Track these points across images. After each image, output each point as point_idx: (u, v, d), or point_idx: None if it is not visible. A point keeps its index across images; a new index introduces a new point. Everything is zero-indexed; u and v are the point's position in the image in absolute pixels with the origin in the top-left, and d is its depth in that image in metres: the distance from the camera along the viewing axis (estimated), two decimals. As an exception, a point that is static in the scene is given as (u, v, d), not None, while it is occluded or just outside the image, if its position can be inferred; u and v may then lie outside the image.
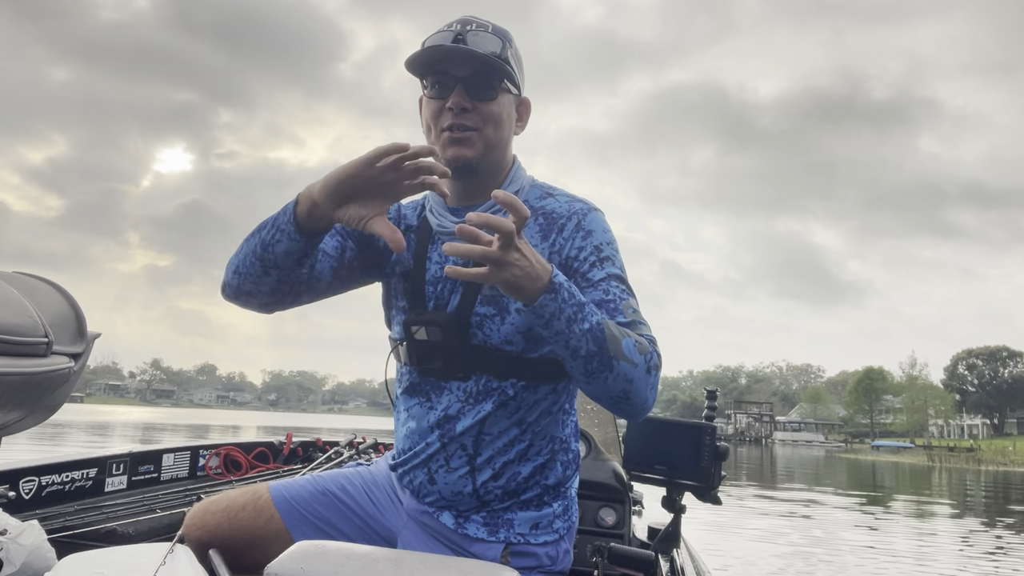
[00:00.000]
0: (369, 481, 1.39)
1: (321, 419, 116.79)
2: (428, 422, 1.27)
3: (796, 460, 37.72)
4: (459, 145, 1.22)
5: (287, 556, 1.03)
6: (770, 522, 10.62)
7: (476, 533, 1.24)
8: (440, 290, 1.27)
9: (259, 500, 1.33)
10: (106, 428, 32.87)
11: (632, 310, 1.18)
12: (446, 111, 1.21)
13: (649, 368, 1.11)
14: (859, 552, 8.43)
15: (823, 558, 7.87)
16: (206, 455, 2.56)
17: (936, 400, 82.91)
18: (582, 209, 1.28)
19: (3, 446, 1.25)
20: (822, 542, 8.94)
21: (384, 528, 1.34)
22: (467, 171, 1.24)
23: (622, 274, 1.24)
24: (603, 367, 1.06)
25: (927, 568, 7.68)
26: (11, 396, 1.08)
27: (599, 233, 1.26)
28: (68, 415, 51.74)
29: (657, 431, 1.71)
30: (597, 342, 1.05)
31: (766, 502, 13.68)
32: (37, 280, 1.24)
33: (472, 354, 1.23)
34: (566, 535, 1.30)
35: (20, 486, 1.84)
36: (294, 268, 1.19)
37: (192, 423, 46.22)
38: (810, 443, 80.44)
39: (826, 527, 10.43)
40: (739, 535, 9.08)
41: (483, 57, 1.19)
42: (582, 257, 1.23)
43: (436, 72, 1.22)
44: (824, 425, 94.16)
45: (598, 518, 1.88)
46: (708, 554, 2.01)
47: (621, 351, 1.07)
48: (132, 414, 69.61)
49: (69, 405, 71.90)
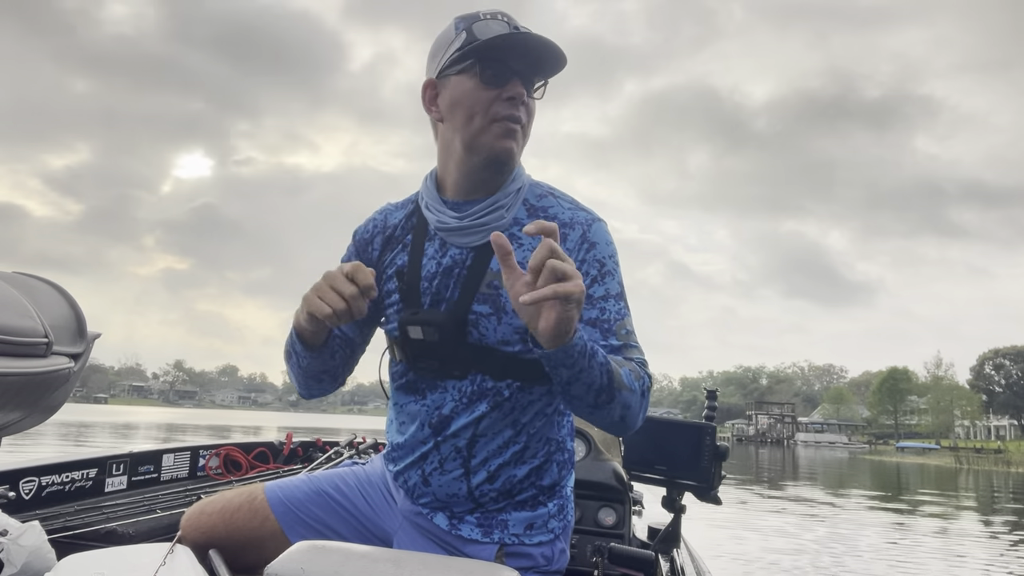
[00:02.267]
0: (364, 481, 1.39)
1: (341, 419, 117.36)
2: (422, 420, 1.26)
3: (819, 462, 37.25)
4: (510, 138, 1.20)
5: (287, 556, 1.03)
6: (787, 521, 10.50)
7: (470, 534, 1.24)
8: (436, 287, 1.25)
9: (254, 501, 1.33)
10: (130, 428, 33.34)
11: (626, 331, 1.19)
12: (503, 100, 1.18)
13: (643, 392, 1.14)
14: (883, 554, 8.30)
15: (845, 563, 7.77)
16: (206, 455, 2.55)
17: (962, 401, 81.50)
18: (586, 219, 1.25)
19: (7, 446, 1.26)
20: (842, 540, 8.82)
21: (379, 528, 1.34)
22: (506, 166, 1.23)
23: (621, 290, 1.24)
24: (608, 399, 1.08)
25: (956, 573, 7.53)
26: (11, 396, 1.08)
27: (602, 246, 1.24)
28: (93, 416, 52.55)
29: (657, 431, 1.70)
30: (608, 375, 1.06)
31: (788, 503, 13.52)
32: (37, 280, 1.23)
33: (468, 353, 1.22)
34: (561, 534, 1.29)
35: (20, 486, 1.84)
36: (339, 360, 1.34)
37: (214, 424, 46.69)
38: (833, 444, 79.38)
39: (848, 529, 10.29)
40: (759, 536, 8.99)
41: (554, 50, 1.17)
42: (583, 271, 1.21)
43: (493, 60, 1.19)
44: (847, 426, 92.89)
45: (598, 518, 1.86)
46: (709, 554, 1.99)
47: (623, 381, 1.09)
48: (154, 415, 70.53)
49: (93, 406, 72.83)
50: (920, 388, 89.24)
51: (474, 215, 1.23)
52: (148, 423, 42.87)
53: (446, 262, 1.25)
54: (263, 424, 53.53)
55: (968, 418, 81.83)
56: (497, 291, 1.21)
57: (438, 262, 1.26)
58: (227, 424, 46.74)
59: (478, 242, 1.24)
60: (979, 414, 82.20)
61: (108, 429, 30.12)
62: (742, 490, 16.01)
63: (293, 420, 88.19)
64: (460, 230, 1.24)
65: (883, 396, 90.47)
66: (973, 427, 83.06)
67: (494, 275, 1.22)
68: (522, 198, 1.28)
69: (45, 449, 16.14)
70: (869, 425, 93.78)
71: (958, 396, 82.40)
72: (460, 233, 1.24)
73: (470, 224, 1.23)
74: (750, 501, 13.74)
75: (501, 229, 1.23)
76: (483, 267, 1.22)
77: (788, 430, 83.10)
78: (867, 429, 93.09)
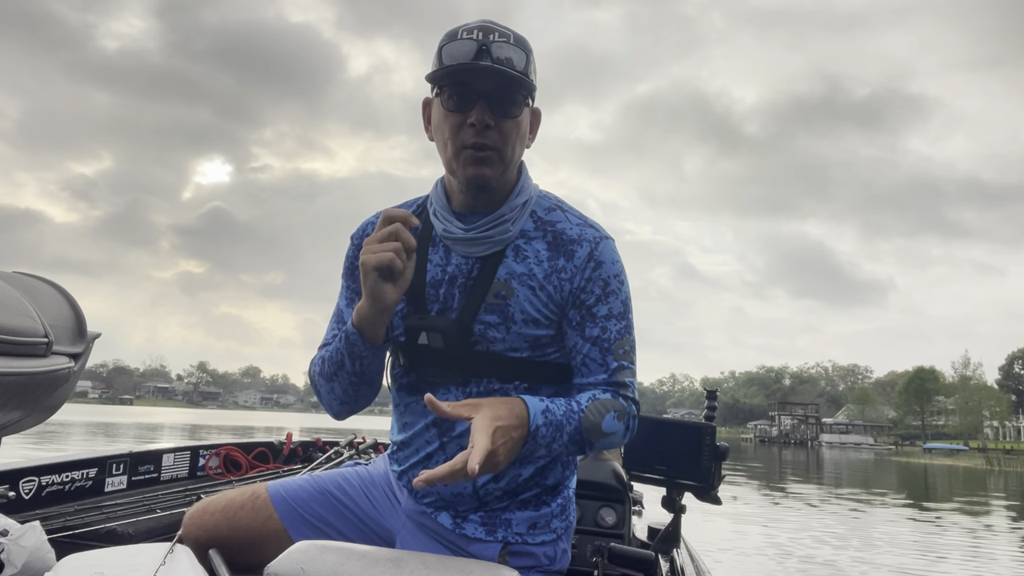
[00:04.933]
0: (367, 481, 1.39)
1: (362, 420, 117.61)
2: (426, 420, 1.26)
3: (844, 463, 36.71)
4: (480, 165, 1.19)
5: (287, 556, 1.03)
6: (816, 522, 10.37)
7: (474, 533, 1.24)
8: (442, 293, 1.25)
9: (257, 500, 1.33)
10: (154, 429, 33.77)
11: (623, 351, 1.23)
12: (467, 127, 1.17)
13: (626, 430, 1.23)
14: (910, 558, 8.17)
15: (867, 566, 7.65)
16: (206, 455, 2.55)
17: (991, 401, 79.91)
18: (594, 237, 1.25)
19: (7, 445, 1.27)
20: (869, 546, 8.69)
21: (382, 528, 1.34)
22: (484, 190, 1.22)
23: (623, 309, 1.25)
24: (590, 447, 1.20)
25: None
26: (11, 396, 1.09)
27: (608, 265, 1.24)
28: (119, 417, 53.34)
29: (657, 431, 1.69)
30: (578, 444, 1.17)
31: (817, 503, 13.36)
32: (37, 280, 1.25)
33: (473, 361, 1.22)
34: (564, 534, 1.29)
35: (20, 486, 1.84)
36: (384, 362, 1.32)
37: (237, 425, 47.16)
38: (859, 446, 78.18)
39: (880, 532, 10.13)
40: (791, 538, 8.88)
41: (510, 74, 1.15)
42: (588, 289, 1.23)
43: (456, 84, 1.17)
44: (873, 427, 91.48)
45: (598, 518, 1.86)
46: (708, 555, 1.95)
47: (601, 432, 1.18)
48: (178, 416, 71.36)
49: (119, 408, 73.67)
50: (947, 388, 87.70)
51: (480, 228, 1.24)
52: (173, 424, 43.39)
53: (451, 270, 1.26)
54: (286, 425, 53.81)
55: (997, 418, 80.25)
56: (504, 301, 1.21)
57: (443, 269, 1.26)
58: (250, 425, 47.17)
59: (483, 252, 1.24)
60: (1008, 414, 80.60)
61: (133, 430, 30.55)
62: (766, 492, 15.83)
63: (316, 421, 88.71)
64: (466, 241, 1.24)
65: (910, 396, 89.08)
66: (1002, 428, 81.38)
67: (500, 285, 1.22)
68: (529, 211, 1.28)
69: (72, 448, 16.38)
70: (895, 426, 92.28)
71: (987, 396, 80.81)
72: (466, 244, 1.25)
73: (476, 236, 1.24)
74: (781, 502, 13.59)
75: (507, 242, 1.24)
76: (489, 277, 1.23)
77: (812, 431, 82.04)
78: (893, 430, 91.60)
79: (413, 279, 1.27)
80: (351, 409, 1.32)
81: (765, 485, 17.98)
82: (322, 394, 1.31)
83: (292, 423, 64.28)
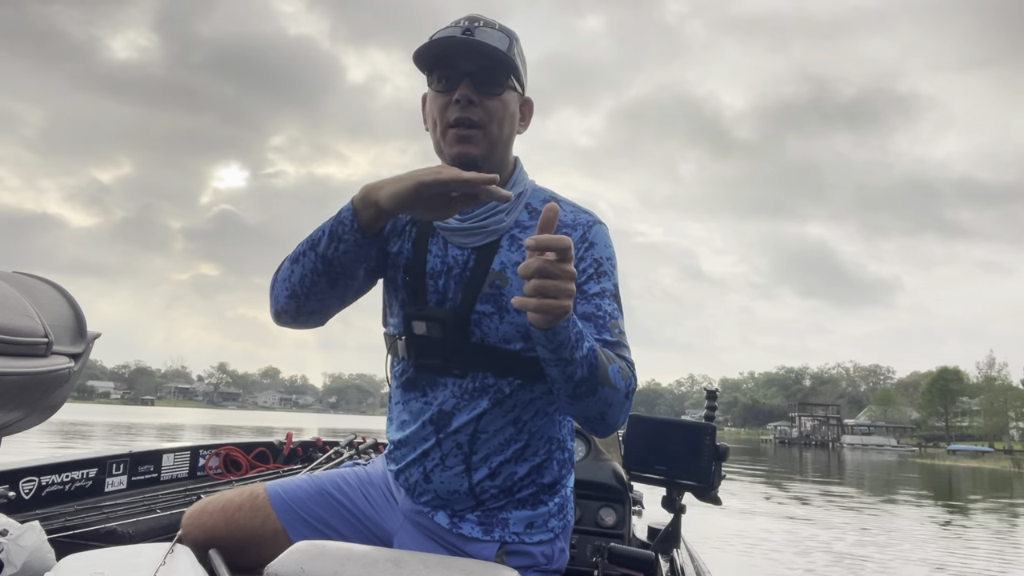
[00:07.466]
0: (366, 481, 1.40)
1: (380, 421, 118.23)
2: (423, 417, 1.27)
3: (867, 465, 36.24)
4: (465, 143, 1.22)
5: (287, 556, 1.04)
6: (841, 523, 10.25)
7: (471, 533, 1.24)
8: (440, 285, 1.27)
9: (256, 500, 1.34)
10: (175, 429, 34.16)
11: (619, 330, 1.22)
12: (452, 104, 1.21)
13: (627, 393, 1.17)
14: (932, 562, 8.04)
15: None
16: (206, 455, 2.55)
17: (1017, 402, 78.44)
18: (588, 221, 1.29)
19: (6, 445, 1.27)
20: (894, 549, 8.57)
21: (380, 528, 1.35)
22: (471, 169, 1.22)
23: (616, 292, 1.26)
24: (589, 392, 1.11)
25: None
26: (11, 396, 1.10)
27: (601, 247, 1.27)
28: (140, 417, 54.08)
29: (657, 431, 1.68)
30: (591, 368, 1.09)
31: (842, 505, 13.20)
32: (37, 280, 1.26)
33: (470, 351, 1.23)
34: (561, 534, 1.30)
35: (20, 486, 1.84)
36: (356, 273, 1.22)
37: (258, 425, 47.63)
38: (881, 447, 77.15)
39: (900, 535, 9.99)
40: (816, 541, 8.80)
41: (491, 51, 1.20)
42: (581, 268, 1.24)
43: (444, 66, 1.23)
44: (895, 428, 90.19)
45: (598, 518, 1.86)
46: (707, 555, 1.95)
47: (608, 378, 1.12)
48: (199, 417, 72.18)
49: (141, 408, 74.59)
50: (972, 389, 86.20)
51: (475, 218, 1.26)
52: (194, 424, 43.87)
53: (449, 261, 1.27)
54: (305, 425, 54.31)
55: (1023, 420, 78.66)
56: (499, 291, 1.22)
57: (442, 260, 1.28)
58: (270, 426, 47.61)
59: (479, 243, 1.26)
60: (1035, 416, 79.01)
61: (154, 431, 30.93)
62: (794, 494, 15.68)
63: (333, 421, 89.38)
64: (462, 231, 1.26)
65: (933, 397, 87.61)
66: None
67: (496, 275, 1.24)
68: (524, 202, 1.30)
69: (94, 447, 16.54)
70: (918, 427, 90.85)
71: (1012, 397, 79.35)
72: (461, 234, 1.26)
73: (471, 226, 1.25)
74: (813, 501, 13.44)
75: (501, 232, 1.26)
76: (485, 267, 1.25)
77: (833, 432, 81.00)
78: (916, 431, 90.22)
79: (413, 270, 1.29)
80: (296, 307, 1.24)
81: (776, 486, 17.79)
82: (277, 280, 1.26)
83: (311, 423, 64.81)
